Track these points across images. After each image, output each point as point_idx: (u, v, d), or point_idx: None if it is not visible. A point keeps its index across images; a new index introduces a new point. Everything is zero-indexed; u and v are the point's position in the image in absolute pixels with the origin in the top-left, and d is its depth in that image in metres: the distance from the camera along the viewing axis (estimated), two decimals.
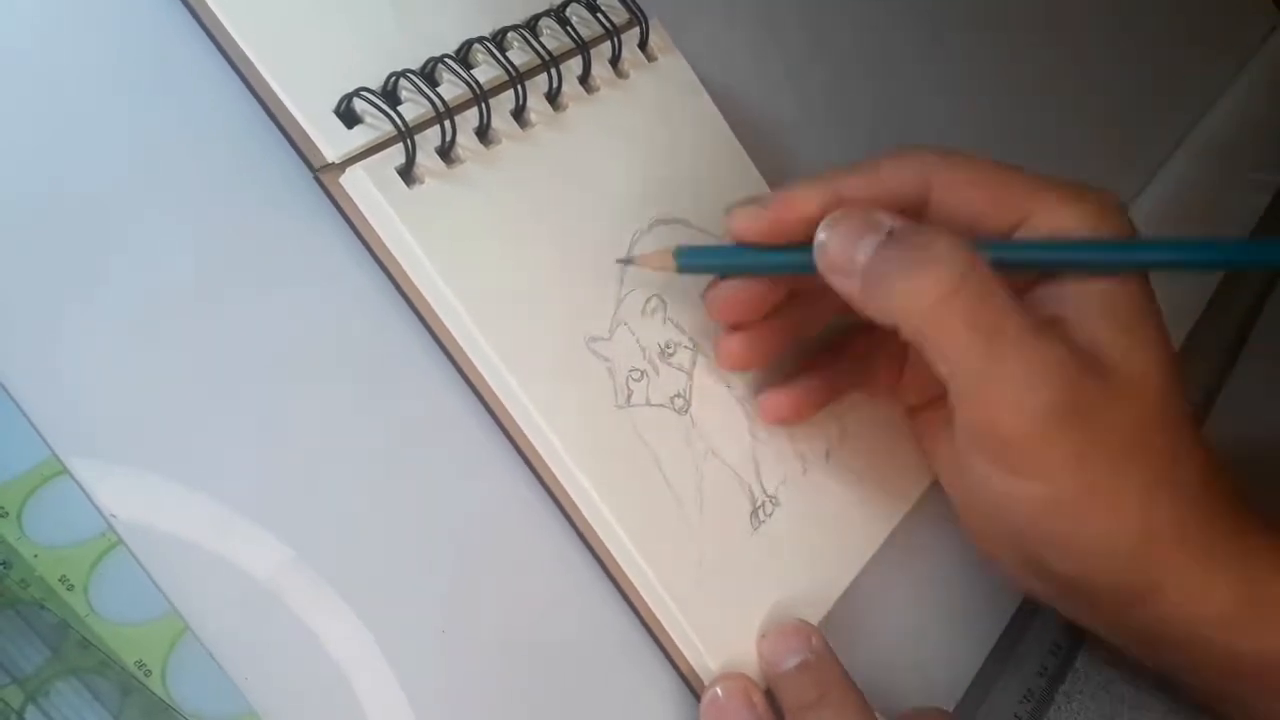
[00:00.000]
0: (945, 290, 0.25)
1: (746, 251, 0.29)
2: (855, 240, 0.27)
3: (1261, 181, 0.59)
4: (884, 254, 0.26)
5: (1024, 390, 0.26)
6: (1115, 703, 0.36)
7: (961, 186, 0.29)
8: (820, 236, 0.27)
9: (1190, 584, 0.28)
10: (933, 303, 0.25)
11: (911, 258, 0.26)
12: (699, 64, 0.34)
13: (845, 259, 0.27)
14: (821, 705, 0.28)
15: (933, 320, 0.26)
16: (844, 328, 0.33)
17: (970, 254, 0.26)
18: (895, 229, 0.26)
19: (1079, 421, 0.26)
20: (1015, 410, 0.26)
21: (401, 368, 0.27)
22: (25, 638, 0.23)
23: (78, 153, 0.24)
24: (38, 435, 0.23)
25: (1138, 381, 0.27)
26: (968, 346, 0.26)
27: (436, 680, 0.26)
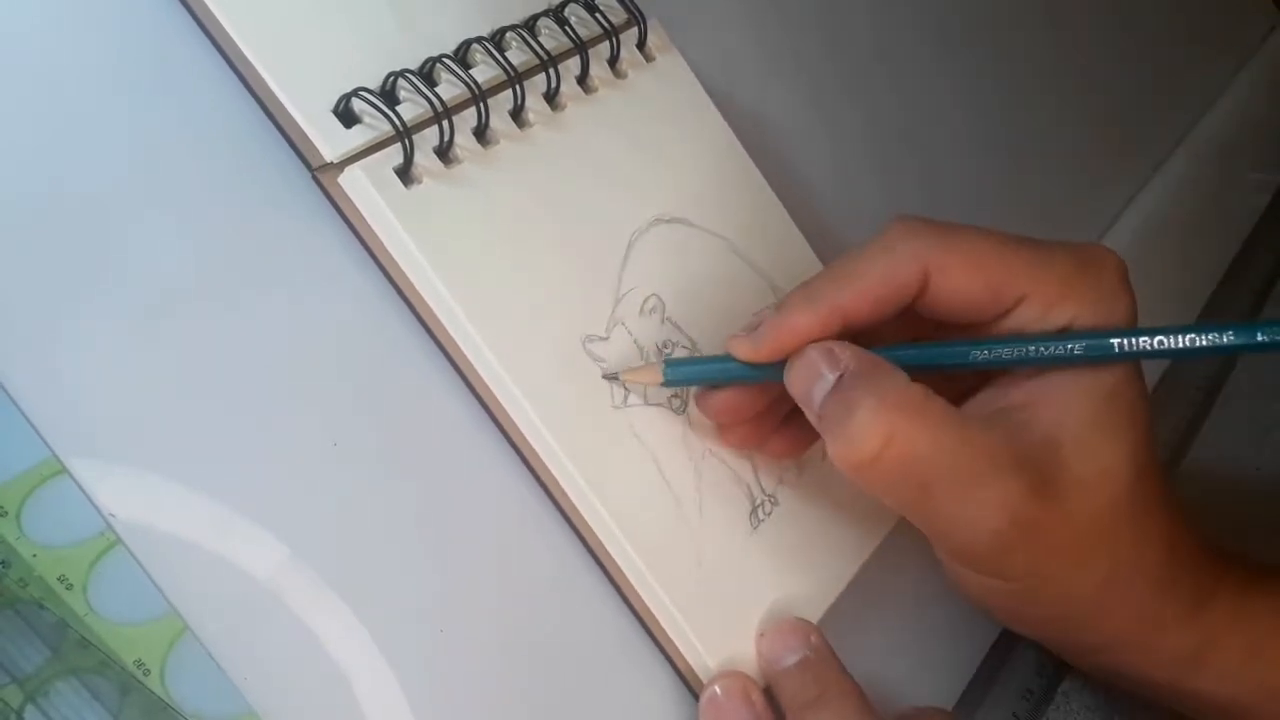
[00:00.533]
0: (866, 458, 0.26)
1: (730, 365, 0.29)
2: (812, 383, 0.27)
3: (1261, 181, 0.59)
4: (827, 405, 0.27)
5: (963, 531, 0.27)
6: (1114, 703, 0.36)
7: (958, 272, 0.28)
8: (785, 377, 0.28)
9: (1142, 645, 0.30)
10: (856, 470, 0.26)
11: (841, 421, 0.26)
12: (697, 64, 0.34)
13: (805, 400, 0.28)
14: (821, 703, 0.28)
15: (862, 481, 0.27)
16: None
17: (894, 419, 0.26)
18: (845, 372, 0.27)
19: (1029, 538, 0.27)
20: (959, 544, 0.28)
21: (399, 368, 0.27)
22: (24, 637, 0.23)
23: (77, 153, 0.24)
24: (37, 435, 0.23)
25: (1098, 478, 0.28)
26: (898, 502, 0.27)
27: (435, 680, 0.26)
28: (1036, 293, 0.28)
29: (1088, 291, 0.28)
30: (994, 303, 0.28)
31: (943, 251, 0.28)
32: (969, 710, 0.35)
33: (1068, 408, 0.28)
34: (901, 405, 0.26)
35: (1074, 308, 0.28)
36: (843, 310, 0.28)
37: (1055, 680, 0.36)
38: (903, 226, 0.28)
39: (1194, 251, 0.53)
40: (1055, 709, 0.36)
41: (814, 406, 0.27)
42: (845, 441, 0.26)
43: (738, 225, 0.33)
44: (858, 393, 0.26)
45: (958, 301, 0.28)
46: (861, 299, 0.28)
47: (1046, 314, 0.28)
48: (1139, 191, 0.52)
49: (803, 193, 0.38)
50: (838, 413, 0.26)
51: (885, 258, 0.28)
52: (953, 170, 0.45)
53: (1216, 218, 0.56)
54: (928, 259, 0.28)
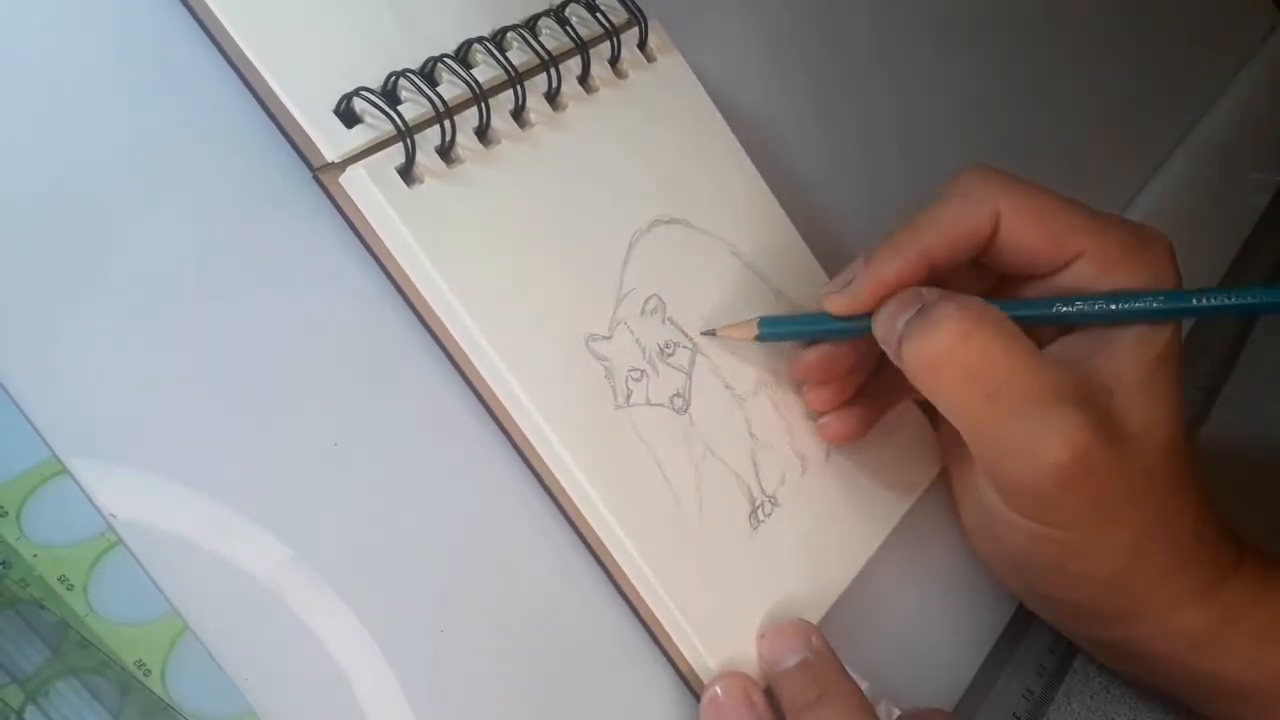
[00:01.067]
0: (942, 352, 0.27)
1: (823, 321, 0.30)
2: (896, 318, 0.28)
3: (1261, 181, 0.59)
4: (912, 324, 0.28)
5: (1027, 455, 0.28)
6: (1114, 703, 0.36)
7: (1025, 219, 0.30)
8: (874, 319, 0.29)
9: (1159, 617, 0.30)
10: (930, 364, 0.27)
11: (922, 330, 0.27)
12: (698, 64, 0.34)
13: (888, 331, 0.29)
14: (821, 704, 0.28)
15: (932, 380, 0.28)
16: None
17: (973, 318, 0.27)
18: (927, 302, 0.28)
19: (1084, 480, 0.28)
20: (1020, 470, 0.28)
21: (401, 367, 0.27)
22: (25, 637, 0.23)
23: (77, 152, 0.24)
24: (37, 435, 0.23)
25: (1146, 434, 0.29)
26: (965, 407, 0.28)
27: (436, 680, 0.26)
28: (1095, 252, 0.29)
29: (1143, 260, 0.30)
30: (1055, 254, 0.30)
31: (1012, 198, 0.30)
32: (970, 711, 0.35)
33: (1124, 364, 0.29)
34: (982, 313, 0.27)
35: (1128, 274, 0.29)
36: (929, 256, 0.29)
37: (1056, 681, 0.36)
38: (975, 173, 0.30)
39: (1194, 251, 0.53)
40: (1056, 709, 0.36)
41: (896, 333, 0.28)
42: (923, 336, 0.27)
43: (737, 226, 0.33)
44: (940, 304, 0.27)
45: (1024, 249, 0.30)
46: (943, 243, 0.29)
47: (1103, 274, 0.29)
48: (1139, 191, 0.52)
49: (803, 193, 0.38)
50: (920, 325, 0.27)
51: (961, 203, 0.30)
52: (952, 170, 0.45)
53: (1216, 218, 0.56)
54: (999, 203, 0.30)
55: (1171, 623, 0.30)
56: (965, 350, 0.27)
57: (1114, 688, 0.36)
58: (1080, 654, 0.37)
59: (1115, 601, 0.31)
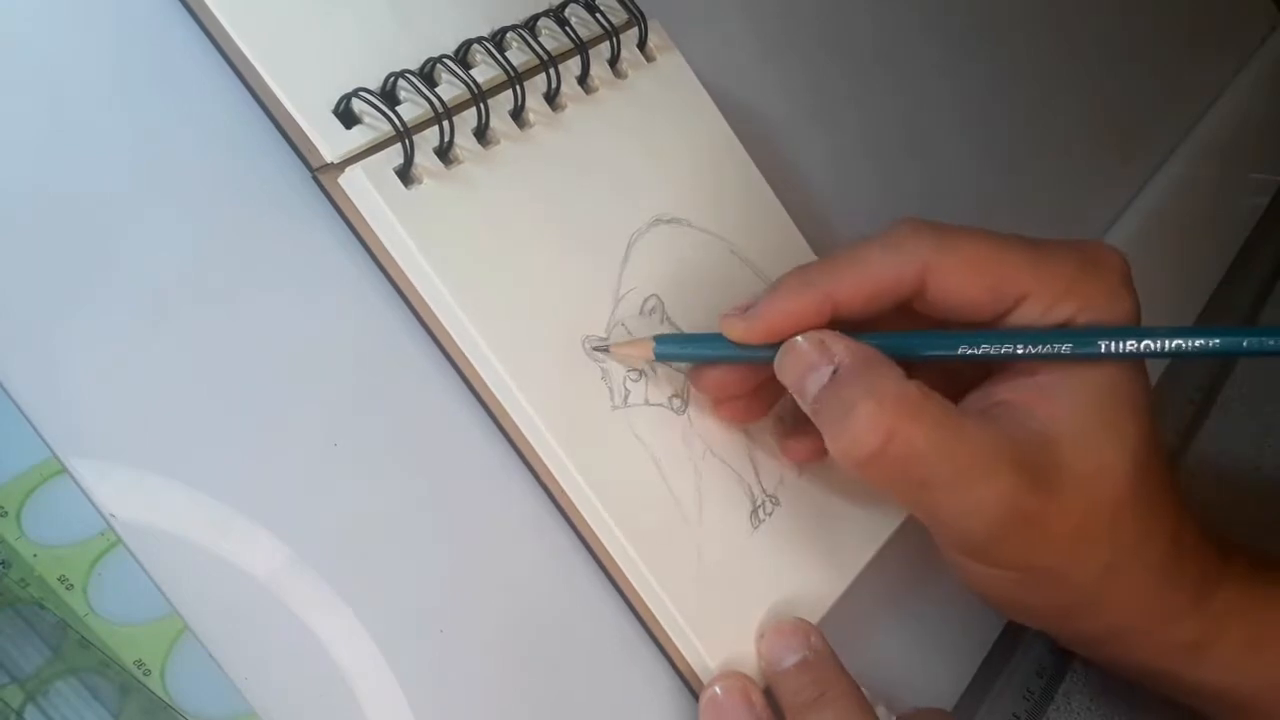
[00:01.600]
0: (866, 455, 0.26)
1: (721, 344, 0.29)
2: (805, 374, 0.27)
3: (1261, 181, 0.59)
4: (821, 402, 0.27)
5: (961, 522, 0.27)
6: (1115, 703, 0.36)
7: (958, 271, 0.28)
8: (776, 365, 0.28)
9: (1145, 634, 0.30)
10: (858, 466, 0.26)
11: (838, 418, 0.26)
12: (698, 63, 0.34)
13: (798, 389, 0.28)
14: (821, 703, 0.28)
15: (862, 475, 0.27)
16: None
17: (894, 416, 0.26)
18: (840, 365, 0.27)
19: (1026, 530, 0.27)
20: (958, 537, 0.28)
21: (399, 368, 0.27)
22: (25, 637, 0.23)
23: (77, 153, 0.24)
24: (37, 435, 0.23)
25: (1097, 473, 0.28)
26: (899, 495, 0.28)
27: (435, 680, 0.26)
28: (1038, 292, 0.28)
29: (1090, 290, 0.28)
30: (994, 303, 0.28)
31: (942, 252, 0.28)
32: (970, 711, 0.35)
33: (1065, 404, 0.28)
34: (899, 404, 0.26)
35: (1075, 305, 0.28)
36: (835, 299, 0.28)
37: (1056, 681, 0.36)
38: (905, 226, 0.29)
39: (1194, 251, 0.53)
40: (1056, 709, 0.36)
41: (807, 399, 0.27)
42: (846, 440, 0.26)
43: (737, 226, 0.33)
44: (855, 390, 0.26)
45: (957, 301, 0.28)
46: (856, 290, 0.28)
47: (1047, 313, 0.28)
48: (1139, 191, 0.52)
49: (803, 193, 0.38)
50: (835, 410, 0.27)
51: (884, 253, 0.28)
52: (953, 170, 0.45)
53: (1216, 218, 0.56)
54: (927, 259, 0.28)
55: (1162, 637, 0.30)
56: (891, 449, 0.26)
57: (1114, 688, 0.36)
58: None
59: (1092, 626, 0.31)
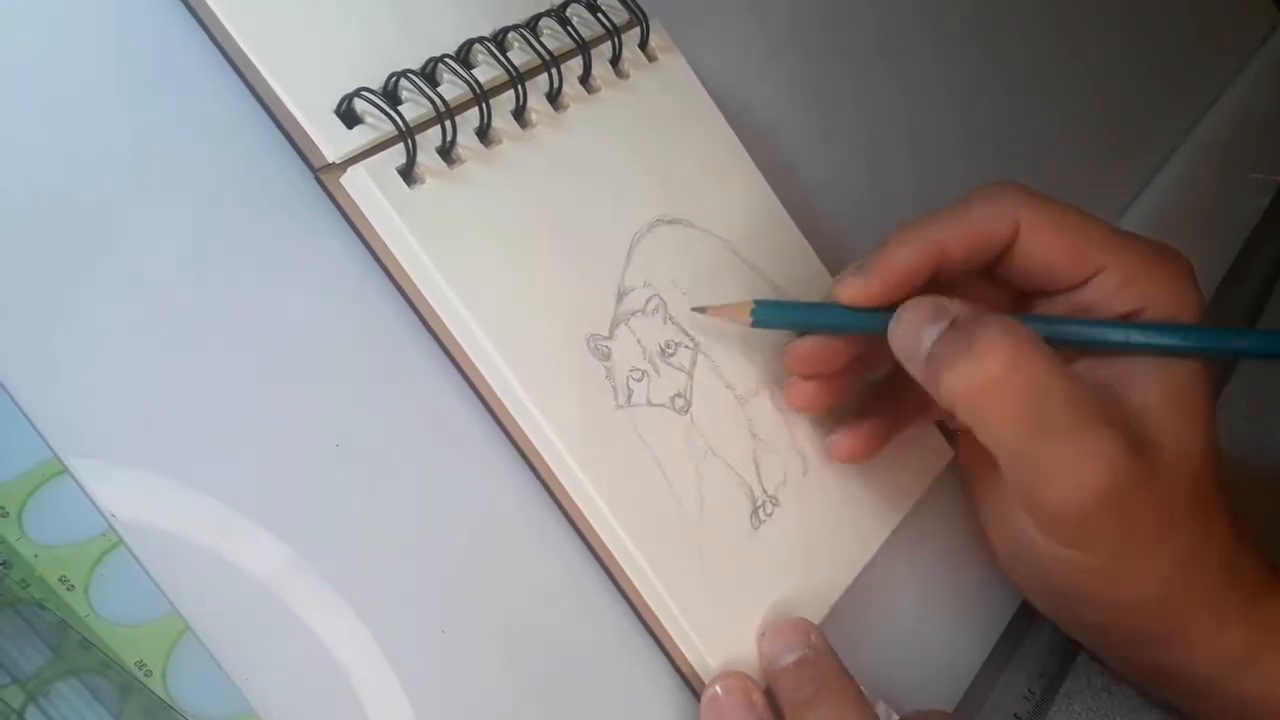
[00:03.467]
0: (991, 379, 0.26)
1: (825, 311, 0.30)
2: (920, 330, 0.28)
3: (1261, 181, 0.59)
4: (941, 342, 0.27)
5: (1069, 477, 0.27)
6: (1115, 703, 0.36)
7: (1045, 232, 0.30)
8: (891, 326, 0.29)
9: (1204, 636, 0.30)
10: (978, 391, 0.27)
11: (962, 346, 0.27)
12: (699, 64, 0.34)
13: (912, 346, 0.28)
14: (819, 701, 0.28)
15: (979, 407, 0.27)
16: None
17: (1019, 344, 0.26)
18: (958, 317, 0.28)
19: (1121, 503, 0.27)
20: (1060, 493, 0.28)
21: (402, 367, 0.27)
22: (25, 638, 0.23)
23: (78, 152, 0.24)
24: (38, 435, 0.23)
25: (1180, 460, 0.28)
26: (1013, 434, 0.27)
27: (436, 680, 0.26)
28: (1115, 267, 0.29)
29: (1162, 278, 0.30)
30: (1075, 269, 0.30)
31: (1034, 209, 0.30)
32: (971, 711, 0.35)
33: (1154, 389, 0.29)
34: (1028, 337, 0.27)
35: (1148, 290, 0.29)
36: (943, 248, 0.29)
37: (1057, 682, 0.36)
38: (1000, 184, 0.30)
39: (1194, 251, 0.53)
40: (1057, 710, 0.36)
41: (922, 350, 0.28)
42: (970, 362, 0.26)
43: (739, 226, 0.33)
44: (979, 325, 0.27)
45: (1043, 261, 0.30)
46: (959, 240, 0.29)
47: (1122, 289, 0.29)
48: (1139, 191, 0.52)
49: (803, 193, 0.38)
50: (957, 343, 0.27)
51: (983, 205, 0.30)
52: (954, 171, 0.45)
53: (1216, 218, 0.56)
54: (1021, 214, 0.29)
55: (1212, 644, 0.30)
56: (1014, 378, 0.26)
57: (1115, 688, 0.36)
58: (1081, 654, 0.37)
59: (1157, 625, 0.30)
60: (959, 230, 0.29)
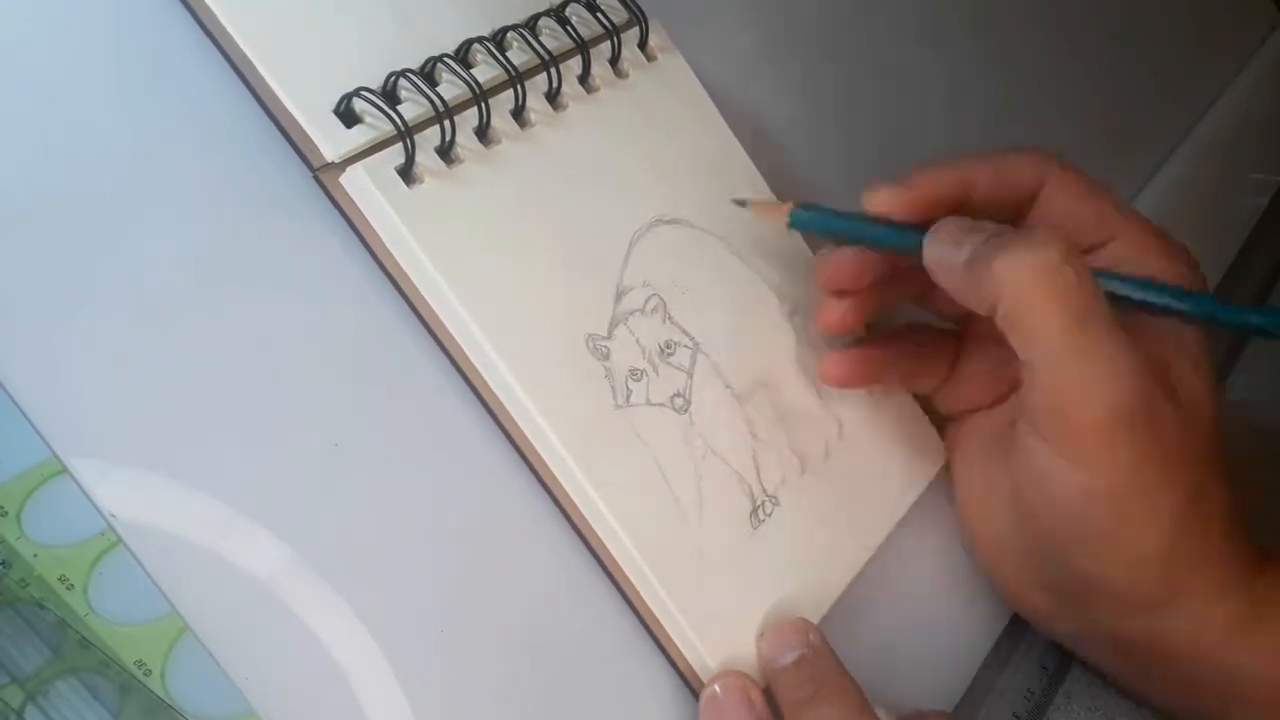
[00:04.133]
0: (1045, 267, 0.27)
1: (863, 224, 0.31)
2: (958, 240, 0.29)
3: (1261, 181, 0.59)
4: (989, 244, 0.28)
5: (1102, 382, 0.27)
6: (1115, 702, 0.36)
7: (1069, 192, 0.32)
8: (930, 234, 0.29)
9: (1201, 604, 0.30)
10: (1031, 279, 0.27)
11: (1013, 240, 0.28)
12: (698, 64, 0.34)
13: (951, 252, 0.29)
14: (818, 700, 0.28)
15: (1028, 296, 0.27)
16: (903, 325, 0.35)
17: (1070, 242, 0.28)
18: (996, 231, 0.29)
19: (1145, 425, 0.28)
20: (1090, 399, 0.27)
21: (401, 367, 0.27)
22: (25, 637, 0.23)
23: (77, 152, 0.24)
24: (37, 435, 0.23)
25: (1193, 409, 0.29)
26: (1057, 326, 0.27)
27: (436, 680, 0.26)
28: (1125, 239, 0.32)
29: (1168, 251, 0.32)
30: (1092, 231, 0.32)
31: (1061, 170, 0.32)
32: (970, 711, 0.35)
33: (1168, 343, 0.30)
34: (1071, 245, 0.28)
35: (1157, 262, 0.31)
36: (972, 180, 0.31)
37: (1057, 681, 0.36)
38: (1032, 145, 0.33)
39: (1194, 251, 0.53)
40: (1056, 710, 0.36)
41: (961, 254, 0.28)
42: (1027, 248, 0.27)
43: (737, 226, 0.33)
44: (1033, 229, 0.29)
45: (1062, 219, 0.32)
46: (990, 179, 0.31)
47: (1135, 257, 0.31)
48: (1139, 191, 0.52)
49: (803, 193, 0.38)
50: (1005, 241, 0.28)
51: (1015, 155, 0.32)
52: None
53: (1216, 218, 0.56)
54: (1048, 172, 0.32)
55: (1208, 613, 0.30)
56: (1068, 268, 0.27)
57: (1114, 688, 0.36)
58: None
59: (1155, 587, 0.29)
60: (989, 169, 0.31)
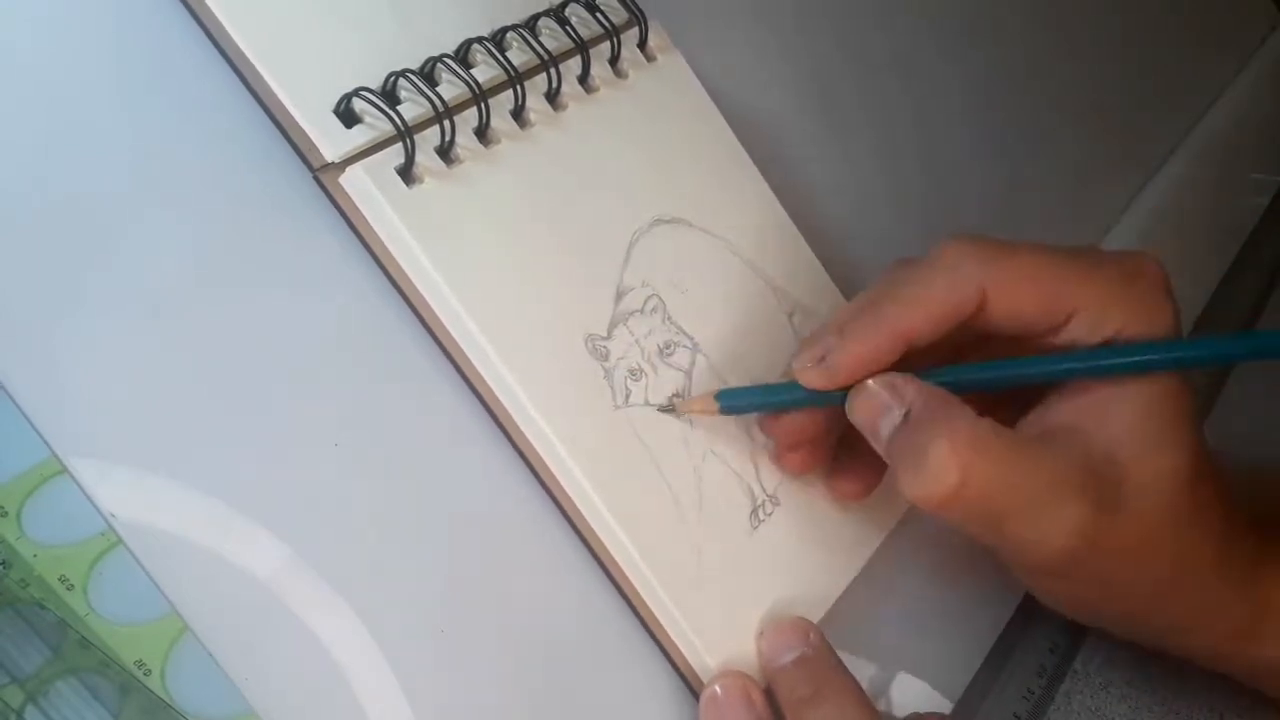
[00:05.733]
0: (946, 494, 0.27)
1: (787, 390, 0.30)
2: (878, 416, 0.28)
3: (1261, 181, 0.59)
4: (896, 446, 0.28)
5: (1036, 549, 0.28)
6: (1115, 703, 0.36)
7: (1014, 287, 0.29)
8: (848, 408, 0.29)
9: (1205, 624, 0.31)
10: (937, 505, 0.27)
11: (914, 459, 0.27)
12: (698, 63, 0.34)
13: (872, 430, 0.28)
14: (818, 699, 0.28)
15: (942, 516, 0.27)
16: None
17: (969, 452, 0.27)
18: (912, 408, 0.28)
19: (1093, 553, 0.28)
20: (1030, 560, 0.29)
21: (401, 367, 0.27)
22: (25, 637, 0.23)
23: (78, 153, 0.24)
24: (37, 435, 0.23)
25: (1156, 485, 0.29)
26: (976, 529, 0.28)
27: (436, 680, 0.26)
28: (1088, 306, 0.29)
29: (1133, 302, 0.29)
30: (1048, 317, 0.29)
31: (1000, 269, 0.29)
32: (970, 711, 0.35)
33: (1122, 420, 0.29)
34: (973, 442, 0.27)
35: (1121, 318, 0.29)
36: (909, 335, 0.28)
37: (1057, 681, 0.36)
38: (959, 246, 0.29)
39: (1194, 251, 0.53)
40: (1056, 709, 0.36)
41: (881, 440, 0.28)
42: (922, 481, 0.27)
43: (738, 226, 0.33)
44: (929, 432, 0.27)
45: (1014, 319, 0.29)
46: (925, 322, 0.29)
47: (1096, 326, 0.29)
48: (1139, 191, 0.52)
49: (803, 193, 0.38)
50: (910, 451, 0.27)
51: (945, 279, 0.29)
52: (954, 169, 0.45)
53: (1216, 218, 0.56)
54: (985, 278, 0.29)
55: (1214, 628, 0.31)
56: (968, 490, 0.26)
57: (1114, 687, 0.36)
58: (1081, 654, 0.37)
59: (1156, 620, 0.31)
60: (923, 314, 0.29)
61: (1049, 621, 0.37)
